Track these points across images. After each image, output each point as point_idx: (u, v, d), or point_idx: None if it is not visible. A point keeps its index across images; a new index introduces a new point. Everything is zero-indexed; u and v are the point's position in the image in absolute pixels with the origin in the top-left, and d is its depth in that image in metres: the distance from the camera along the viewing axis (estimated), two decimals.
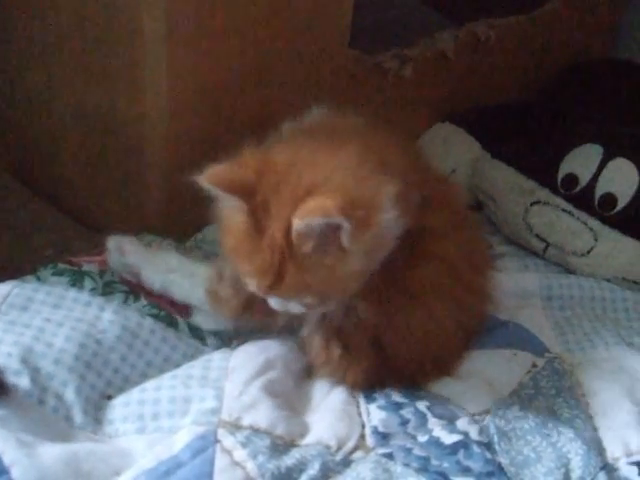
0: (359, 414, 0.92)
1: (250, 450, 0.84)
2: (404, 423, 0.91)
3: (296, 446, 0.88)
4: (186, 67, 1.07)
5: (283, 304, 0.90)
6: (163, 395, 0.91)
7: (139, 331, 0.98)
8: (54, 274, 1.03)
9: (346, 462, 0.87)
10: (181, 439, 0.85)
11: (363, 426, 0.91)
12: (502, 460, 0.88)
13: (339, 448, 0.88)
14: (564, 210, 1.25)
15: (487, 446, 0.89)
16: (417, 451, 0.88)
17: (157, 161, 1.13)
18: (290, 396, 0.95)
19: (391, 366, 0.95)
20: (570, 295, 1.18)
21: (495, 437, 0.90)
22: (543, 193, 1.27)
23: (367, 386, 0.95)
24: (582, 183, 1.25)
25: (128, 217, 1.19)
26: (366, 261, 0.86)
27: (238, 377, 0.94)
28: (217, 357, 0.98)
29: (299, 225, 0.81)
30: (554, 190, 1.26)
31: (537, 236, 1.27)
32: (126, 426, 0.89)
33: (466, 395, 0.96)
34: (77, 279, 1.03)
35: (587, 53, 1.64)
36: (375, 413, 0.92)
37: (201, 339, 1.02)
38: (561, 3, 1.55)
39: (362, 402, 0.94)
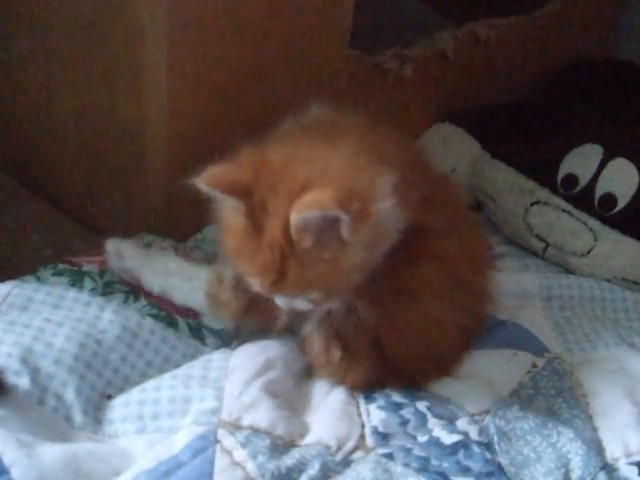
0: (359, 414, 0.92)
1: (250, 450, 0.84)
2: (404, 423, 0.91)
3: (296, 446, 0.88)
4: (186, 67, 1.07)
5: (290, 302, 0.90)
6: (163, 395, 0.91)
7: (139, 331, 0.98)
8: (54, 274, 1.03)
9: (346, 462, 0.87)
10: (181, 439, 0.85)
11: (363, 426, 0.91)
12: (502, 460, 0.88)
13: (339, 448, 0.88)
14: (564, 210, 1.25)
15: (487, 446, 0.89)
16: (417, 451, 0.88)
17: (157, 161, 1.13)
18: (290, 396, 0.95)
19: (391, 366, 0.95)
20: (570, 295, 1.18)
21: (495, 437, 0.90)
22: (543, 193, 1.27)
23: (367, 387, 0.95)
24: (582, 183, 1.25)
25: (128, 217, 1.19)
26: (368, 253, 0.86)
27: (238, 377, 0.94)
28: (217, 357, 0.98)
29: (296, 220, 0.81)
30: (554, 190, 1.26)
31: (537, 236, 1.27)
32: (126, 426, 0.89)
33: (466, 395, 0.96)
34: (77, 279, 1.03)
35: (587, 53, 1.63)
36: (375, 413, 0.92)
37: (201, 339, 1.02)
38: (561, 3, 1.55)
39: (362, 402, 0.94)
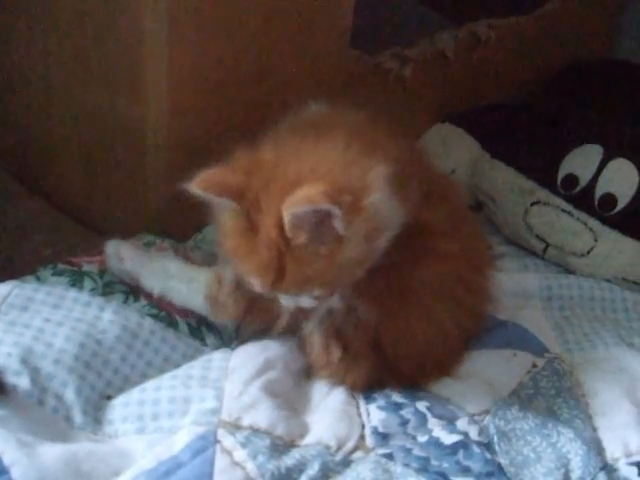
0: (359, 414, 0.92)
1: (250, 450, 0.84)
2: (404, 423, 0.91)
3: (296, 446, 0.88)
4: (186, 67, 1.07)
5: (294, 300, 0.90)
6: (163, 395, 0.91)
7: (139, 331, 0.98)
8: (54, 274, 1.03)
9: (346, 462, 0.87)
10: (181, 439, 0.85)
11: (363, 426, 0.91)
12: (502, 460, 0.88)
13: (339, 448, 0.88)
14: (564, 210, 1.25)
15: (487, 446, 0.89)
16: (417, 451, 0.88)
17: (157, 161, 1.13)
18: (290, 396, 0.95)
19: (391, 367, 0.95)
20: (570, 295, 1.18)
21: (495, 437, 0.90)
22: (543, 193, 1.27)
23: (367, 387, 0.95)
24: (582, 183, 1.25)
25: (128, 217, 1.19)
26: (366, 247, 0.85)
27: (238, 377, 0.94)
28: (217, 357, 0.98)
29: (288, 216, 0.81)
30: (554, 190, 1.26)
31: (537, 236, 1.27)
32: (126, 426, 0.89)
33: (466, 395, 0.96)
34: (77, 279, 1.02)
35: (587, 53, 1.63)
36: (375, 413, 0.92)
37: (201, 339, 1.02)
38: (561, 3, 1.55)
39: (362, 402, 0.94)
